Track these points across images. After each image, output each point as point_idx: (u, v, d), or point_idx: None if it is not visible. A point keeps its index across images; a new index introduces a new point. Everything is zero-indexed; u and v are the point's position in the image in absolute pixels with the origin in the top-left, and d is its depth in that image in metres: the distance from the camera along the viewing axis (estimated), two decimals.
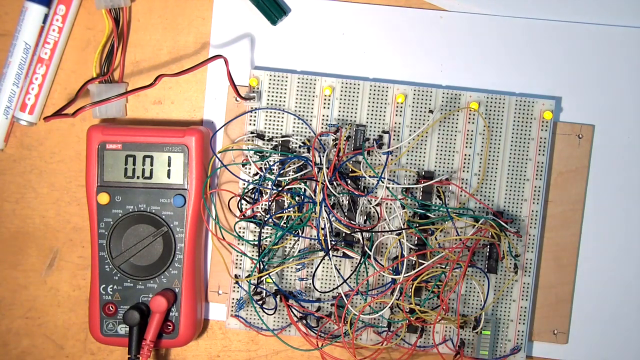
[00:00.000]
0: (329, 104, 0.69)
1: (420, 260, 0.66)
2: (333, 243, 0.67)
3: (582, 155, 0.69)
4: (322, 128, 0.69)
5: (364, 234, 0.66)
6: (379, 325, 0.68)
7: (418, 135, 0.68)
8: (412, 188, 0.68)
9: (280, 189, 0.67)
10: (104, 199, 0.67)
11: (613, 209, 0.70)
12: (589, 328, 0.70)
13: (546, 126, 0.68)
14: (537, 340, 0.70)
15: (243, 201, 0.68)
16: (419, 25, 0.70)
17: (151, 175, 0.67)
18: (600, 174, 0.70)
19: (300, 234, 0.68)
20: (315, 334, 0.68)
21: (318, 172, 0.66)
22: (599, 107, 0.70)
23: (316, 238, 0.66)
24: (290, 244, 0.68)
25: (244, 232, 0.69)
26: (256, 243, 0.68)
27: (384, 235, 0.67)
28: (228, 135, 0.70)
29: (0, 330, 0.72)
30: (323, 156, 0.66)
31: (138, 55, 0.71)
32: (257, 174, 0.68)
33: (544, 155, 0.68)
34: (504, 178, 0.68)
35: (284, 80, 0.69)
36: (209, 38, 0.71)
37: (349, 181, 0.67)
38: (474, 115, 0.68)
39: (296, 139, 0.68)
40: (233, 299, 0.69)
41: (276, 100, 0.69)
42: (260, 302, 0.68)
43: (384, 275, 0.68)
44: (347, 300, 0.66)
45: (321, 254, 0.67)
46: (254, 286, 0.68)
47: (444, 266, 0.66)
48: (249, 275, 0.69)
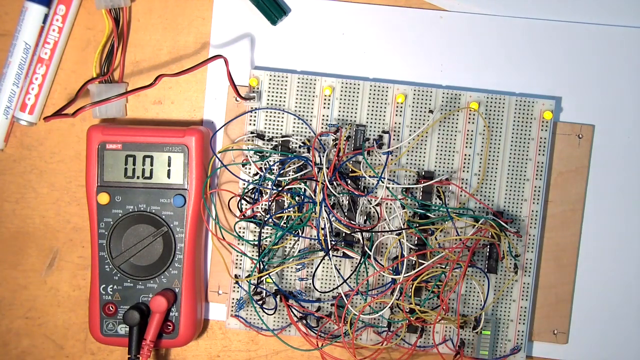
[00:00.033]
0: (329, 104, 0.69)
1: (420, 260, 0.66)
2: (333, 243, 0.66)
3: (582, 155, 0.69)
4: (322, 128, 0.69)
5: (364, 234, 0.66)
6: (379, 325, 0.68)
7: (418, 135, 0.68)
8: (412, 188, 0.68)
9: (280, 189, 0.67)
10: (104, 199, 0.67)
11: (613, 209, 0.70)
12: (589, 328, 0.70)
13: (546, 126, 0.68)
14: (537, 340, 0.70)
15: (243, 201, 0.68)
16: (419, 25, 0.70)
17: (151, 175, 0.67)
18: (600, 174, 0.70)
19: (300, 234, 0.68)
20: (315, 334, 0.68)
21: (318, 172, 0.66)
22: (599, 107, 0.70)
23: (316, 238, 0.66)
24: (290, 244, 0.68)
25: (244, 232, 0.69)
26: (256, 243, 0.68)
27: (384, 235, 0.67)
28: (228, 135, 0.70)
29: (0, 330, 0.72)
30: (323, 156, 0.66)
31: (138, 55, 0.71)
32: (257, 174, 0.68)
33: (544, 155, 0.68)
34: (504, 178, 0.68)
35: (284, 80, 0.69)
36: (209, 38, 0.71)
37: (349, 181, 0.67)
38: (474, 115, 0.68)
39: (296, 139, 0.68)
40: (233, 299, 0.69)
41: (276, 100, 0.69)
42: (260, 302, 0.68)
43: (384, 275, 0.68)
44: (347, 300, 0.66)
45: (321, 254, 0.67)
46: (254, 286, 0.68)
47: (444, 266, 0.66)
48: (249, 275, 0.69)
